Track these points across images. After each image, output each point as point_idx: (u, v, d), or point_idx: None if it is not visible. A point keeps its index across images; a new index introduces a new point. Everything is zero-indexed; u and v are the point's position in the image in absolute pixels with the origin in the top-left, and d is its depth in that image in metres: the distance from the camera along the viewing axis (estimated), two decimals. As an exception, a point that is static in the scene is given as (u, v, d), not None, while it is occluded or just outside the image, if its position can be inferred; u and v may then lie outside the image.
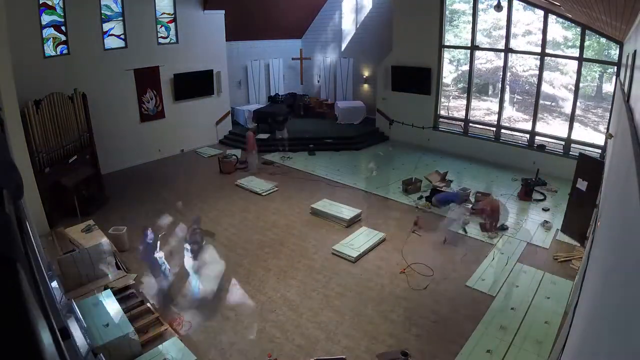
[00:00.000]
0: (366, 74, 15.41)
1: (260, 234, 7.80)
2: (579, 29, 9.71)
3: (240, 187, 9.88)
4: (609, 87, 10.23)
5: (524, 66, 11.79)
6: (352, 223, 8.03)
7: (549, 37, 10.33)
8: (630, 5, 3.81)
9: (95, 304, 5.14)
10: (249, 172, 10.75)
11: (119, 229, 7.26)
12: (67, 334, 2.48)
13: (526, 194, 9.01)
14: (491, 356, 4.83)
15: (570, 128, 10.39)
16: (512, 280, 6.27)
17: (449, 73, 13.04)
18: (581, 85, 10.20)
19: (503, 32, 11.16)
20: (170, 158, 12.14)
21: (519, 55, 11.40)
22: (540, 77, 10.70)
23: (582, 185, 7.02)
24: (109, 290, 5.50)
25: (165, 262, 6.40)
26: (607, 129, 8.82)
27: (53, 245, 7.08)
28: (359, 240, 7.30)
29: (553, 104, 11.45)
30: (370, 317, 5.54)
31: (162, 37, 11.57)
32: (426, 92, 12.58)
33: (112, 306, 5.12)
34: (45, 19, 9.01)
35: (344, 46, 15.62)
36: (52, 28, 9.18)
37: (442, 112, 12.96)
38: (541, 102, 11.00)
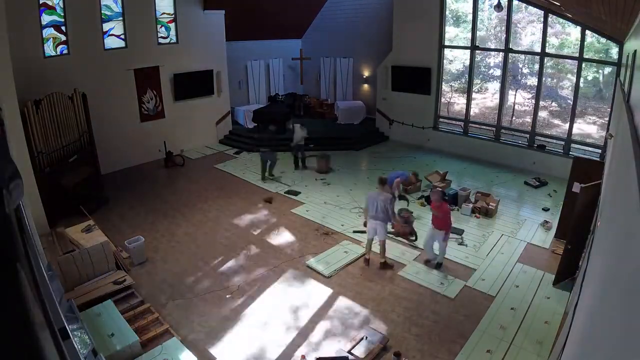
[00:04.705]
0: (366, 74, 15.41)
1: (260, 233, 7.80)
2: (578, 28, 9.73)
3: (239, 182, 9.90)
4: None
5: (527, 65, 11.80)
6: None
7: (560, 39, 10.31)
8: (630, 5, 3.81)
9: (98, 314, 5.18)
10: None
11: (136, 239, 6.81)
12: (67, 334, 2.48)
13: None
14: (491, 356, 4.83)
15: (571, 128, 10.40)
16: (512, 280, 6.28)
17: (454, 70, 13.02)
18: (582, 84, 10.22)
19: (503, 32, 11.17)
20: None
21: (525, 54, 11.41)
22: (540, 77, 10.71)
23: (577, 188, 6.88)
24: (110, 301, 5.51)
25: None
26: (607, 129, 8.83)
27: (53, 245, 7.08)
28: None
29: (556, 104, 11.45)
30: (370, 317, 5.54)
31: (162, 37, 11.56)
32: (426, 92, 12.58)
33: (115, 316, 5.16)
34: (45, 19, 9.01)
35: (344, 46, 15.60)
36: (52, 28, 9.18)
37: (444, 103, 12.95)
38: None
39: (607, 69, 10.23)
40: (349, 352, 4.87)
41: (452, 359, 4.82)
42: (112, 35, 10.44)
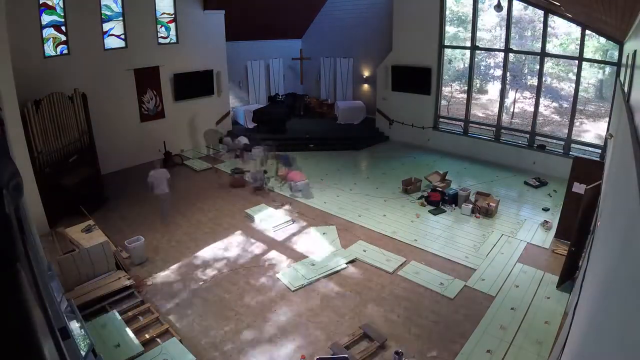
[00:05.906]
0: (366, 74, 15.41)
1: (261, 234, 7.80)
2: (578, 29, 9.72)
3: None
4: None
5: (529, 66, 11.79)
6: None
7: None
8: (631, 6, 3.82)
9: (103, 325, 5.19)
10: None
11: (136, 239, 6.83)
12: (67, 334, 2.49)
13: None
14: (491, 356, 4.83)
15: (570, 128, 10.39)
16: (512, 280, 6.28)
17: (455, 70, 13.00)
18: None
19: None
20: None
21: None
22: (540, 77, 10.70)
23: (578, 188, 6.84)
24: (115, 312, 5.50)
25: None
26: (607, 129, 8.83)
27: (53, 245, 7.08)
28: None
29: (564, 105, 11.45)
30: (370, 317, 5.54)
31: (162, 37, 11.56)
32: (426, 92, 12.58)
33: (120, 327, 5.16)
34: (45, 19, 9.00)
35: (344, 46, 15.59)
36: (52, 28, 9.17)
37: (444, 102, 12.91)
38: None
39: (607, 69, 10.23)
40: (346, 346, 4.88)
41: (452, 359, 4.82)
42: (112, 35, 10.43)
